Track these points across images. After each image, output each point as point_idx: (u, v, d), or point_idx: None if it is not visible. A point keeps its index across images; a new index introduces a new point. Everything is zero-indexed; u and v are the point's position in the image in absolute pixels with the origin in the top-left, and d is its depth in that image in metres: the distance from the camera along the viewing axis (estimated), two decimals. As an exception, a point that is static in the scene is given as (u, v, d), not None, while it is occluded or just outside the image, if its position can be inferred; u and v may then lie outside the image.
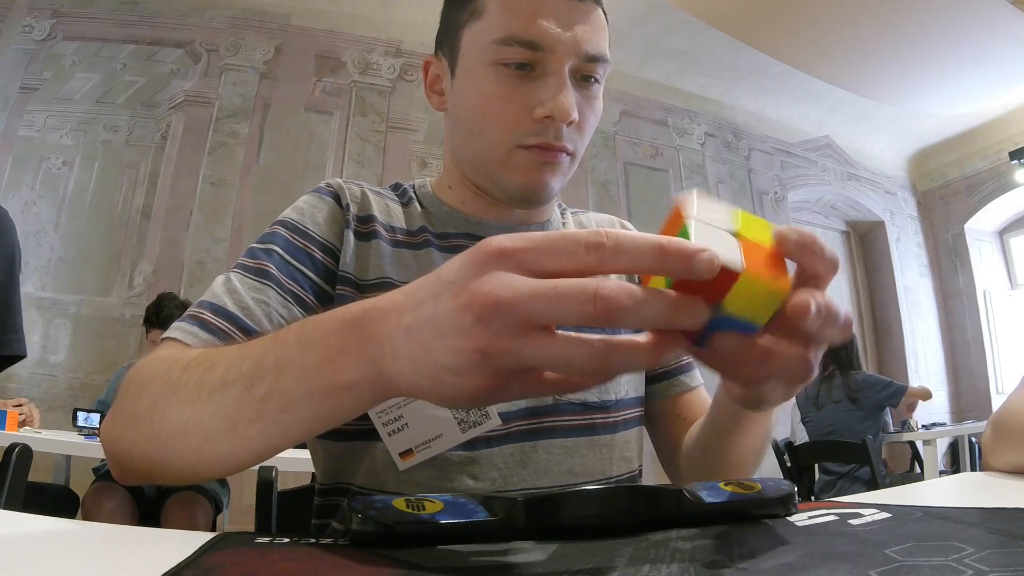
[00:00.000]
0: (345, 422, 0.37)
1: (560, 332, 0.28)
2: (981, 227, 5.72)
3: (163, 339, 0.54)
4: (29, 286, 3.20)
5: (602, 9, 0.63)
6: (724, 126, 5.02)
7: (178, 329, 0.54)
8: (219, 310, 0.55)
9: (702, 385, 0.78)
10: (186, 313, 0.56)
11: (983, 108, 5.00)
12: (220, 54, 3.74)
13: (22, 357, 0.63)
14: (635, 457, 0.70)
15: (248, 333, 0.54)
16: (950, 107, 4.96)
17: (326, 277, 0.63)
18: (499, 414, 0.60)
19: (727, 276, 0.29)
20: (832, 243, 5.65)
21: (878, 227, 5.67)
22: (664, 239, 0.28)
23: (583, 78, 0.61)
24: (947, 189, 5.82)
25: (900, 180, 5.90)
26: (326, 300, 0.62)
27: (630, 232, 0.28)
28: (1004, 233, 5.88)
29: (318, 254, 0.63)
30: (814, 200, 5.48)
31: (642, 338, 0.29)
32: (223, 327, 0.54)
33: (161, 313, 2.43)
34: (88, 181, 3.44)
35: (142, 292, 3.30)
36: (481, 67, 0.61)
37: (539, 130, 0.60)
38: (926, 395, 3.34)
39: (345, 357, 0.33)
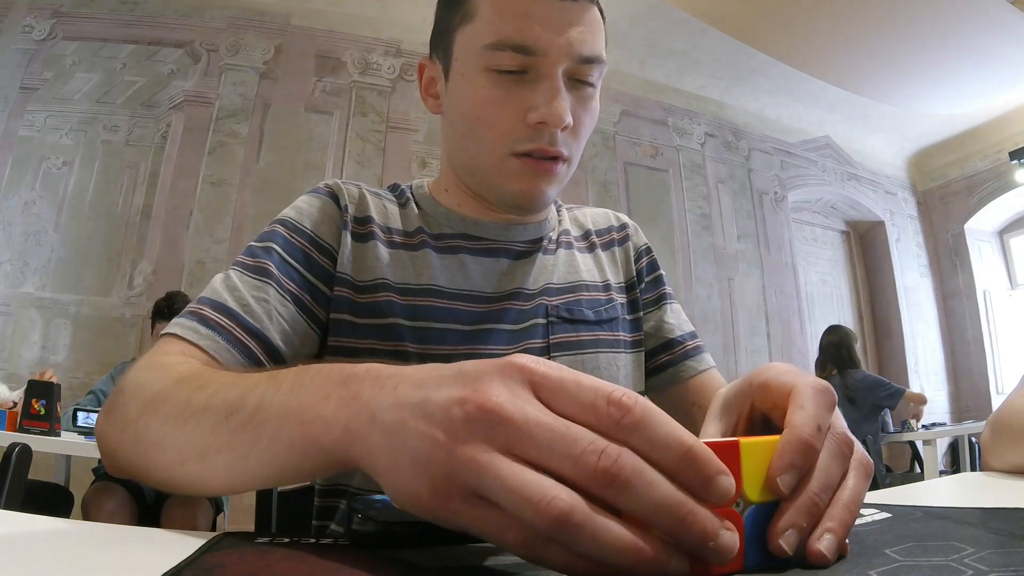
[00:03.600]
0: (305, 481, 0.35)
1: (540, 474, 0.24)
2: (981, 227, 5.71)
3: (163, 334, 0.53)
4: (29, 286, 3.20)
5: (598, 7, 0.62)
6: (724, 126, 5.02)
7: (178, 325, 0.53)
8: (219, 306, 0.55)
9: (714, 367, 0.75)
10: (186, 309, 0.55)
11: (983, 108, 5.00)
12: (220, 54, 3.74)
13: None
14: None
15: (248, 330, 0.54)
16: (950, 107, 4.96)
17: (322, 277, 0.63)
18: None
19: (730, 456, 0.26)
20: (832, 243, 5.68)
21: (878, 227, 5.67)
22: (695, 443, 0.24)
23: (578, 80, 0.60)
24: (947, 189, 5.82)
25: (900, 180, 5.90)
26: (322, 300, 0.62)
27: (659, 414, 0.25)
28: (1004, 233, 5.88)
29: (315, 254, 0.63)
30: (814, 200, 5.48)
31: (638, 539, 0.23)
32: (223, 323, 0.54)
33: (173, 306, 2.44)
34: (88, 181, 3.44)
35: (142, 292, 3.30)
36: (474, 71, 0.60)
37: (533, 135, 0.59)
38: (922, 400, 3.35)
39: (326, 404, 0.31)
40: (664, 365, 0.74)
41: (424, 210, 0.70)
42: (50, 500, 2.19)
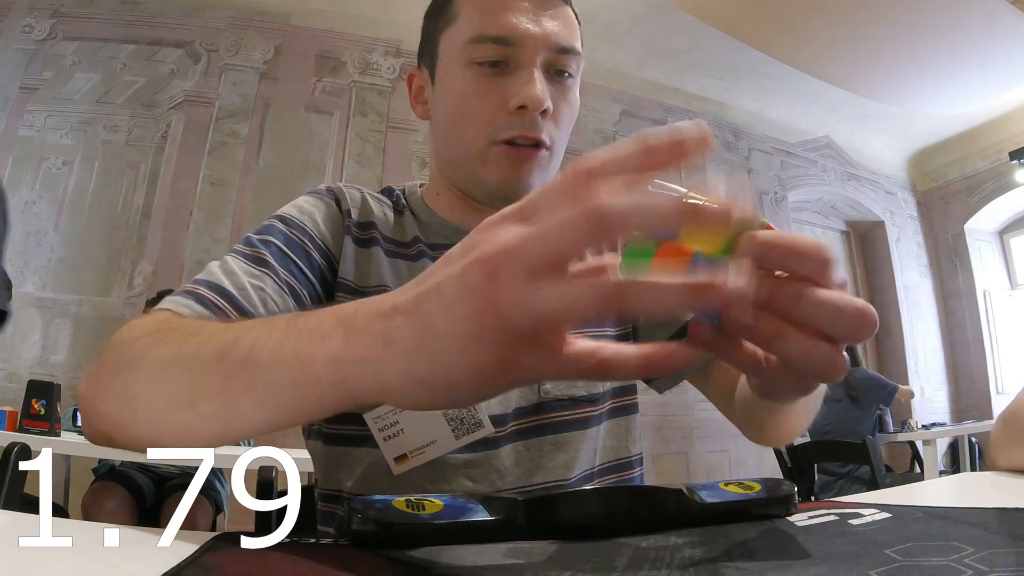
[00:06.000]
0: (302, 423, 0.35)
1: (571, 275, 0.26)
2: (981, 227, 5.71)
3: (156, 309, 0.50)
4: (29, 286, 3.20)
5: (572, 10, 0.66)
6: (724, 126, 5.02)
7: (172, 302, 0.51)
8: (215, 287, 0.53)
9: None
10: (181, 288, 0.53)
11: (983, 108, 5.00)
12: (220, 54, 3.73)
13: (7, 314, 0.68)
14: (626, 445, 0.71)
15: (243, 312, 0.52)
16: (950, 107, 4.96)
17: (321, 278, 0.63)
18: (491, 418, 0.61)
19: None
20: (832, 243, 5.67)
21: (878, 227, 5.66)
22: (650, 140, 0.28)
23: (556, 72, 0.64)
24: (947, 189, 5.81)
25: (900, 180, 5.90)
26: (316, 299, 0.62)
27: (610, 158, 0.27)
28: (1004, 233, 5.87)
29: (315, 254, 0.63)
30: (814, 200, 5.48)
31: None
32: (218, 303, 0.52)
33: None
34: (88, 181, 3.44)
35: (142, 292, 3.30)
36: (457, 68, 0.63)
37: (515, 122, 0.62)
38: (910, 395, 3.43)
39: (327, 342, 0.31)
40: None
41: (420, 218, 0.71)
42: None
